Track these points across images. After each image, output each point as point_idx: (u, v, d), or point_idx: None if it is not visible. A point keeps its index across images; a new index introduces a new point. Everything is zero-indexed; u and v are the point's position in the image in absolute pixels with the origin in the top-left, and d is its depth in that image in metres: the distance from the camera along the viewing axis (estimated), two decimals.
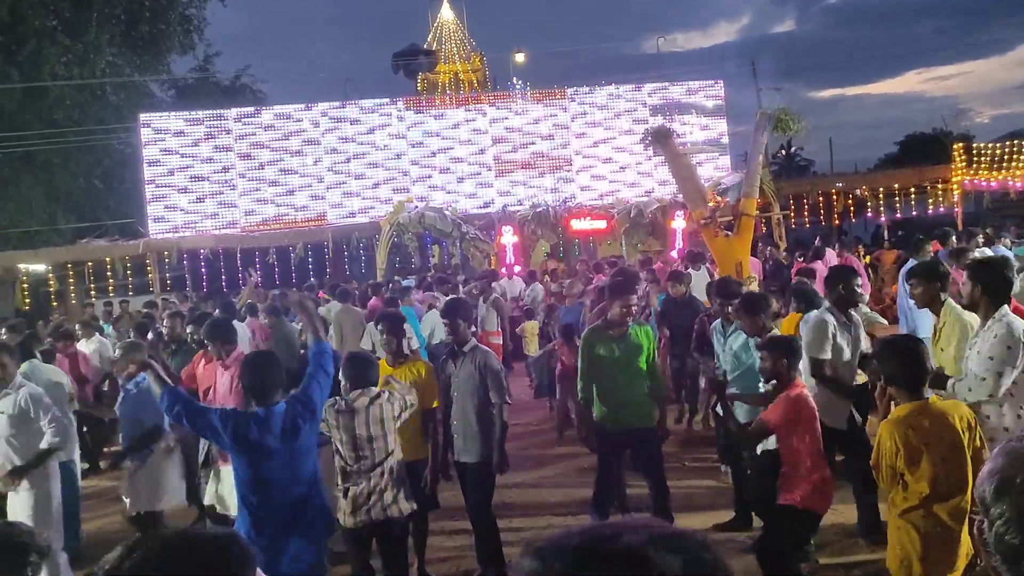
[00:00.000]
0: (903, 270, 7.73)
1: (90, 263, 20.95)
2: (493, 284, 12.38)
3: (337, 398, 4.66)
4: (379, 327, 5.70)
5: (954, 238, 10.19)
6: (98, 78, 24.66)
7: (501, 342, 11.01)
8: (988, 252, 9.32)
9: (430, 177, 22.76)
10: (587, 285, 11.13)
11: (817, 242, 14.38)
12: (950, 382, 4.40)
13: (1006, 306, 4.35)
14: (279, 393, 4.19)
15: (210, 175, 21.84)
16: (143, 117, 21.94)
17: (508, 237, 19.04)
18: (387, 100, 23.18)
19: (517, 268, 17.75)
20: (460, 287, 13.23)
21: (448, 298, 7.90)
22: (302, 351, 8.61)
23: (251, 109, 23.66)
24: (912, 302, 6.27)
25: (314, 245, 21.63)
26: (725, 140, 23.56)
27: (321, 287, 15.45)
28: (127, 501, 6.10)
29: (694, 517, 6.05)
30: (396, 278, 17.19)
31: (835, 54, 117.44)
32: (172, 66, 30.00)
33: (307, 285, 15.90)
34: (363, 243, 21.45)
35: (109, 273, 20.81)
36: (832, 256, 12.26)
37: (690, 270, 10.43)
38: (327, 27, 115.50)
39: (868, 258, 16.67)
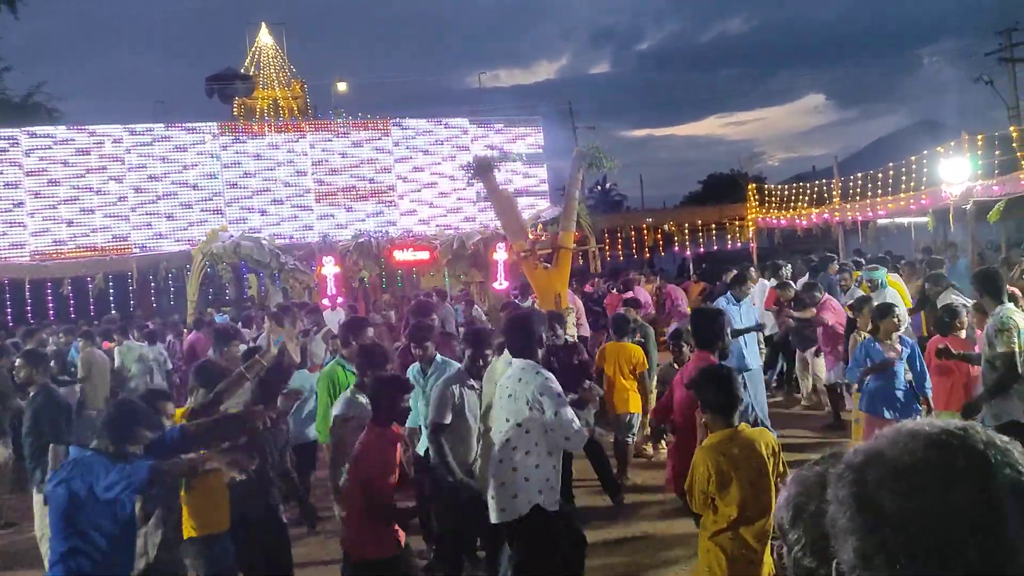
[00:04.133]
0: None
1: None
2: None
3: None
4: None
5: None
6: None
7: None
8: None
9: (247, 205, 21.92)
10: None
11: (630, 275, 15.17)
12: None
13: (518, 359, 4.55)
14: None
15: None
16: None
17: (329, 268, 18.55)
18: (200, 124, 22.17)
19: (340, 299, 17.32)
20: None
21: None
22: None
23: (46, 129, 21.82)
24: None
25: (116, 275, 20.12)
26: (544, 178, 24.41)
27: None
28: None
29: None
30: (209, 310, 16.31)
31: (646, 96, 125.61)
32: None
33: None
34: (172, 273, 20.20)
35: None
36: (641, 287, 13.00)
37: (517, 299, 10.61)
38: (134, 47, 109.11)
39: None
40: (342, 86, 28.08)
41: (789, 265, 12.01)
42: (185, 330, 13.56)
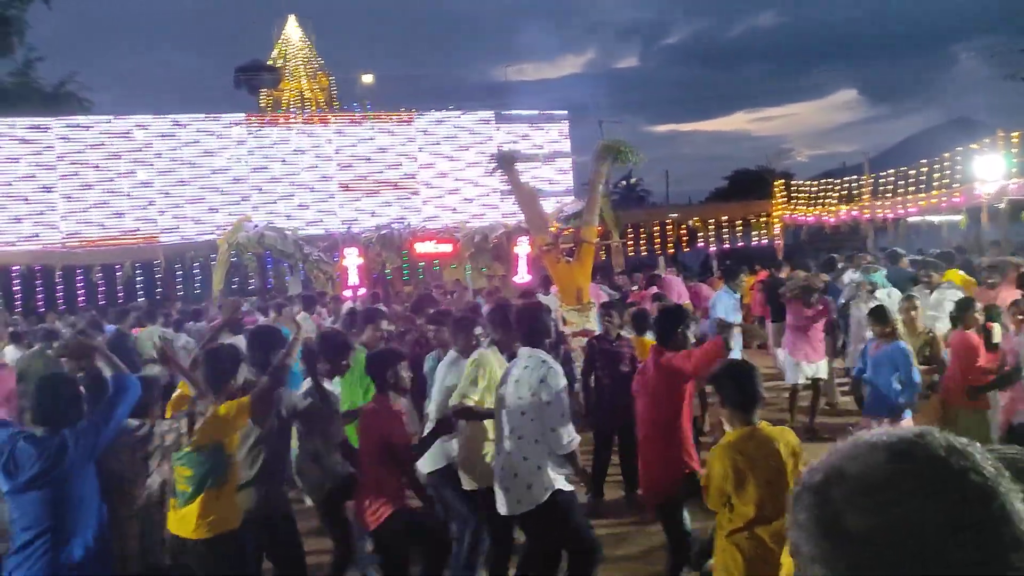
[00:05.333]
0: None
1: None
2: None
3: None
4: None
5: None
6: None
7: None
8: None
9: (272, 195, 22.05)
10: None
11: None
12: None
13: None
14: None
15: (28, 186, 20.24)
16: None
17: (352, 259, 18.62)
18: (228, 115, 22.33)
19: (362, 290, 17.38)
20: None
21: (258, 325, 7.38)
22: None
23: (77, 118, 22.12)
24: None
25: (143, 263, 20.34)
26: (569, 170, 24.31)
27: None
28: None
29: None
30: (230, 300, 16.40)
31: (673, 91, 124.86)
32: None
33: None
34: (198, 262, 20.37)
35: None
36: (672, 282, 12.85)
37: (539, 294, 10.60)
38: (165, 38, 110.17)
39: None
40: (368, 78, 28.17)
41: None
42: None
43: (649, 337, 7.80)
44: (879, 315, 6.33)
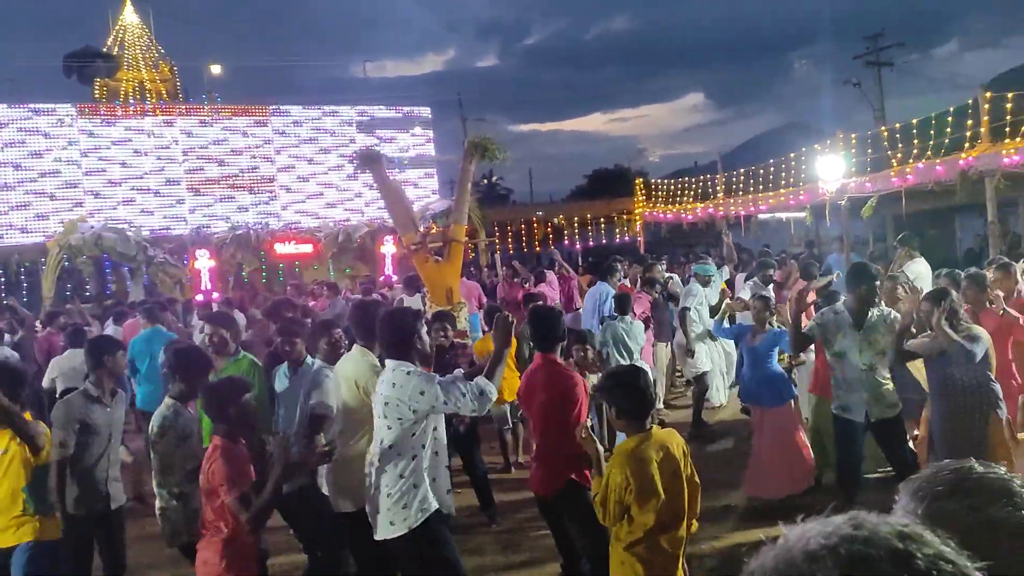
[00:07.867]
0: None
1: None
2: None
3: None
4: None
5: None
6: None
7: None
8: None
9: (109, 194, 20.42)
10: None
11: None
12: None
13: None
14: None
15: None
16: None
17: (204, 261, 17.48)
18: (57, 105, 20.50)
19: (215, 294, 16.35)
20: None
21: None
22: None
23: None
24: None
25: None
26: (432, 165, 23.93)
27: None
28: None
29: None
30: (69, 307, 15.07)
31: (532, 91, 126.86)
32: None
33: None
34: (25, 267, 18.57)
35: None
36: (553, 277, 12.84)
37: (403, 295, 10.18)
38: None
39: None
40: (216, 69, 26.64)
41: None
42: (39, 326, 12.34)
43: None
44: (767, 301, 6.38)
